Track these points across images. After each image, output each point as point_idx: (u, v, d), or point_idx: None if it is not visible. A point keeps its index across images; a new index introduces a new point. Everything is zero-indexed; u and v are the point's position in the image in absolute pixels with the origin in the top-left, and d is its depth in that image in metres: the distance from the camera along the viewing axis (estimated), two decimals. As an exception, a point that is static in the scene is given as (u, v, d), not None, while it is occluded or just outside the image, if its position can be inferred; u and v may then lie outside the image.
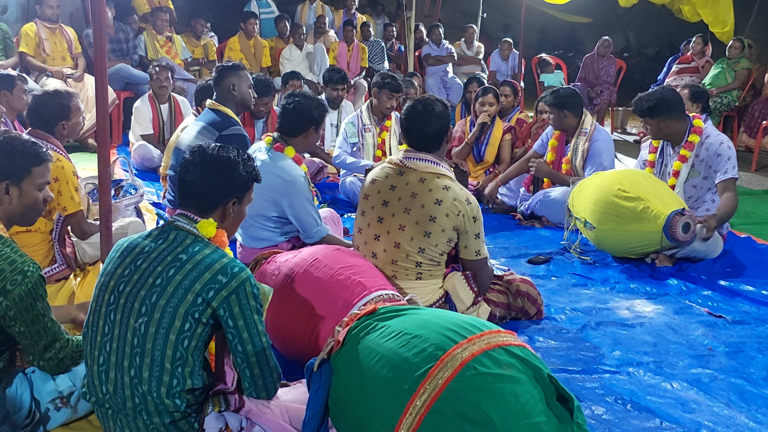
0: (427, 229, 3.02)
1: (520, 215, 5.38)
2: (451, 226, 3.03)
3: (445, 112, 3.17)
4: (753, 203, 6.10)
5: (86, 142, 7.18)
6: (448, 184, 3.04)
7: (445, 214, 3.00)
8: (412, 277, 3.10)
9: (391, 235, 3.09)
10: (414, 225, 3.04)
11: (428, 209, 3.01)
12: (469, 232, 3.06)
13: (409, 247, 3.06)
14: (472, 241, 3.09)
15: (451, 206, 3.00)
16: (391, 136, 5.86)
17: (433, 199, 3.01)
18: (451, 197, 3.01)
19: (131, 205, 4.16)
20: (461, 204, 3.01)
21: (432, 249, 3.06)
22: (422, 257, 3.07)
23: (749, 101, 8.68)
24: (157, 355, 2.02)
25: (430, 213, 3.01)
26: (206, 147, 2.28)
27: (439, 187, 3.02)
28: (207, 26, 9.23)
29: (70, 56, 7.50)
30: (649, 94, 4.37)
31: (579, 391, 2.80)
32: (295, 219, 3.59)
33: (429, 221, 3.02)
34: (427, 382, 1.81)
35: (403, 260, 3.09)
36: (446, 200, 3.00)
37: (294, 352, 2.80)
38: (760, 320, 3.52)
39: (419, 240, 3.05)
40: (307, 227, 3.59)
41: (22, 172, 2.42)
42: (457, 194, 3.02)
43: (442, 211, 3.00)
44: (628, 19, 15.65)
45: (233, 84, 4.22)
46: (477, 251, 3.12)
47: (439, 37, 10.38)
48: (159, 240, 2.17)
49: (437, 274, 3.16)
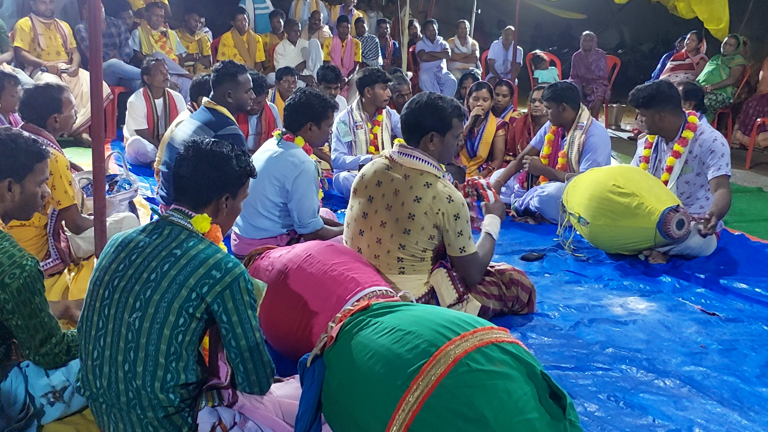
0: (407, 226, 3.04)
1: (514, 211, 5.39)
2: (431, 224, 3.03)
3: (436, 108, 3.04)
4: (747, 201, 6.12)
5: (81, 137, 7.17)
6: (430, 181, 3.03)
7: (423, 212, 3.00)
8: (394, 271, 3.12)
9: (374, 231, 3.12)
10: (394, 222, 3.06)
11: (407, 207, 3.02)
12: (450, 230, 3.04)
13: (389, 243, 3.08)
14: (454, 239, 3.07)
15: (430, 204, 2.99)
16: (383, 130, 5.86)
17: (413, 197, 3.01)
18: (431, 195, 3.00)
19: (125, 200, 4.15)
20: (441, 202, 2.99)
21: (412, 246, 3.07)
22: (403, 253, 3.08)
23: (744, 98, 8.71)
24: (151, 349, 2.02)
25: (409, 211, 3.01)
26: (200, 142, 2.28)
27: (420, 185, 3.02)
28: (201, 21, 9.21)
29: (65, 51, 7.48)
30: (647, 86, 4.40)
31: (572, 388, 2.81)
32: (295, 204, 3.62)
33: (408, 219, 3.03)
34: (420, 379, 1.81)
35: (384, 256, 3.10)
36: (425, 198, 3.00)
37: (287, 348, 2.81)
38: (754, 318, 3.53)
39: (399, 237, 3.06)
40: (303, 215, 3.62)
41: (25, 169, 2.43)
42: (437, 192, 3.00)
43: (420, 209, 3.00)
44: (623, 15, 15.66)
45: (229, 91, 4.22)
46: (461, 248, 3.10)
47: (433, 33, 10.37)
48: (153, 235, 2.17)
49: (421, 269, 3.16)
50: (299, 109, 3.75)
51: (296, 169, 3.62)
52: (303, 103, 3.75)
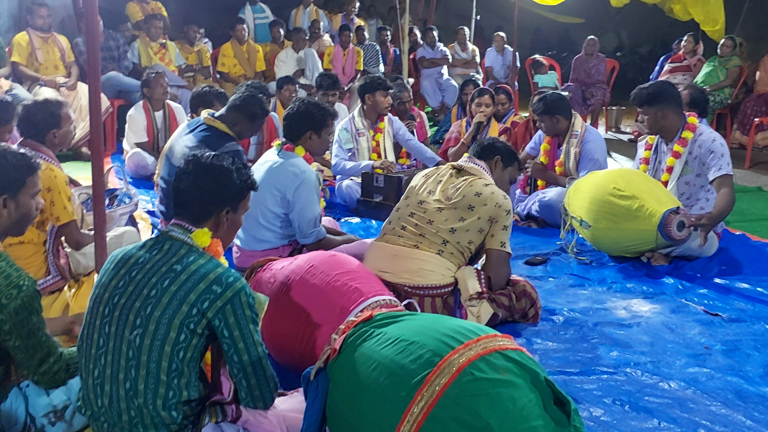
0: (463, 215, 3.24)
1: (517, 216, 5.39)
2: (487, 215, 3.24)
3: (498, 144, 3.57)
4: (747, 200, 6.11)
5: (80, 151, 7.17)
6: (489, 182, 3.36)
7: (483, 204, 3.24)
8: (434, 249, 3.23)
9: (427, 214, 3.30)
10: (452, 209, 3.26)
11: (468, 199, 3.26)
12: (500, 221, 3.26)
13: (441, 225, 3.25)
14: (500, 232, 3.27)
15: (489, 197, 3.25)
16: (385, 137, 5.86)
17: (474, 192, 3.27)
18: (490, 191, 3.28)
19: (126, 214, 4.14)
20: (498, 198, 3.26)
21: (462, 233, 3.24)
22: (450, 237, 3.23)
23: (741, 99, 8.72)
24: (152, 367, 2.01)
25: (469, 202, 3.25)
26: (200, 156, 2.28)
27: (480, 184, 3.31)
28: (200, 32, 9.22)
29: (63, 65, 7.48)
30: (649, 84, 4.49)
31: (577, 392, 2.80)
32: (296, 214, 3.61)
33: (467, 209, 3.25)
34: (425, 389, 1.81)
35: (430, 234, 3.25)
36: (485, 193, 3.26)
37: (291, 361, 2.79)
38: (756, 318, 3.52)
39: (453, 222, 3.25)
40: (305, 225, 3.62)
41: (18, 184, 2.42)
42: (495, 190, 3.31)
43: (480, 201, 3.24)
44: (621, 18, 15.67)
45: (238, 123, 4.09)
46: (502, 242, 3.29)
47: (433, 39, 10.39)
48: (153, 250, 2.16)
49: (457, 260, 3.27)
50: (298, 119, 3.75)
51: (297, 179, 3.62)
52: (302, 113, 3.75)
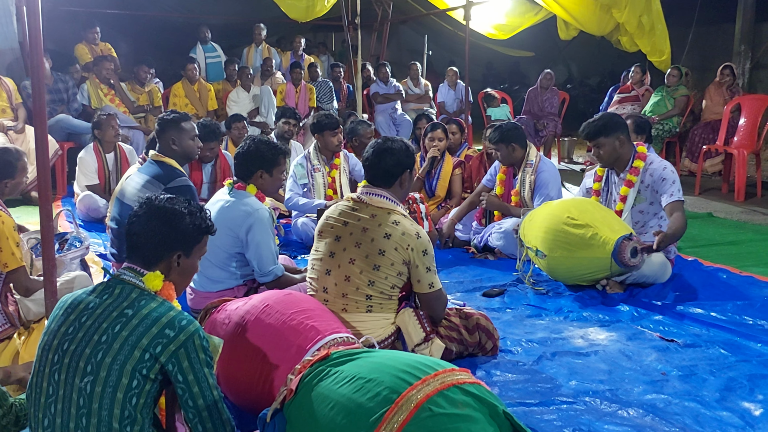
0: (377, 262, 3.04)
1: (474, 248, 5.43)
2: (401, 260, 3.04)
3: (405, 152, 3.27)
4: (698, 226, 6.24)
5: (29, 195, 7.04)
6: (398, 219, 3.09)
7: (394, 248, 3.02)
8: (362, 309, 3.08)
9: (342, 269, 3.10)
10: (364, 258, 3.05)
11: (377, 243, 3.04)
12: (419, 266, 3.08)
13: (358, 280, 3.06)
14: (423, 275, 3.10)
15: (399, 240, 3.03)
16: (341, 174, 5.88)
17: (382, 233, 3.05)
18: (400, 231, 3.04)
19: (76, 258, 4.05)
20: (410, 238, 3.04)
21: (382, 282, 3.06)
22: (372, 290, 3.07)
23: (689, 127, 8.98)
24: (104, 415, 1.95)
25: (379, 247, 3.03)
26: (153, 198, 2.25)
27: (388, 222, 3.07)
28: (151, 72, 9.17)
29: (10, 108, 7.38)
30: (596, 117, 4.52)
31: (537, 423, 2.80)
32: (253, 253, 3.57)
33: (378, 255, 3.03)
34: (383, 427, 1.79)
35: (353, 293, 3.08)
36: (395, 234, 3.04)
37: (248, 402, 2.74)
38: (711, 342, 3.58)
39: (369, 273, 3.05)
40: (263, 263, 3.58)
41: None
42: (406, 229, 3.06)
43: (390, 245, 3.03)
44: (570, 51, 16.04)
45: (173, 138, 4.09)
46: (430, 284, 3.12)
47: (386, 75, 10.49)
48: (104, 295, 2.12)
49: (389, 308, 3.15)
50: (249, 158, 3.72)
51: (250, 218, 3.58)
52: (252, 152, 3.72)
